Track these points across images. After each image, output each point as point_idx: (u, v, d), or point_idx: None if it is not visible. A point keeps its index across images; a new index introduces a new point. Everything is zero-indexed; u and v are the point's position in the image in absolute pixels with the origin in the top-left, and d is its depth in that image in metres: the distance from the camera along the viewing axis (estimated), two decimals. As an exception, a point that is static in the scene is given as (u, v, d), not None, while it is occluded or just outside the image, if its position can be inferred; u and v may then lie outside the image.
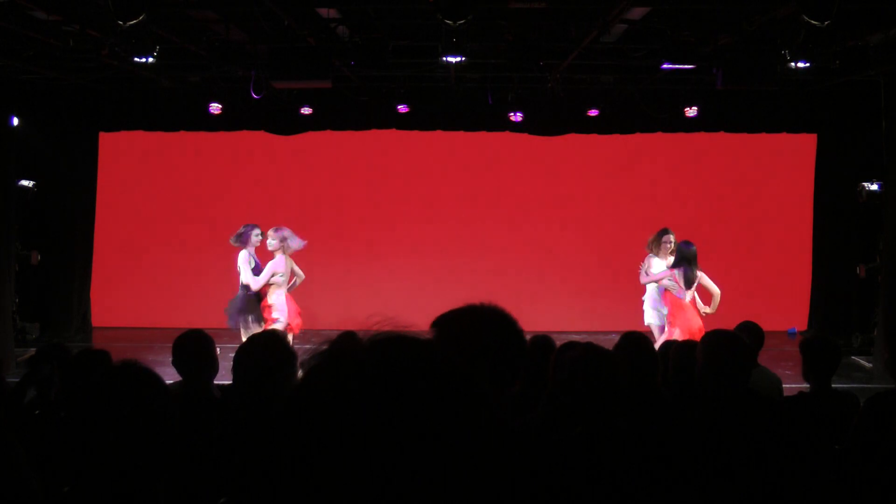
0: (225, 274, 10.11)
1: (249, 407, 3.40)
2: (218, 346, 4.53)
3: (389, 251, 13.84)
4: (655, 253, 9.72)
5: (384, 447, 0.84)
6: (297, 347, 3.66)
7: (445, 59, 8.58)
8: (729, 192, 13.88)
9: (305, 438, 0.87)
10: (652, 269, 9.61)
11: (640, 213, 13.36)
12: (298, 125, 12.71)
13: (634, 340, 4.52)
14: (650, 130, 12.83)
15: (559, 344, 4.02)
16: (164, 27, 8.50)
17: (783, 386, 5.64)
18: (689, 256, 9.29)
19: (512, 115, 12.25)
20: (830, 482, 3.79)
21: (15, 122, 11.80)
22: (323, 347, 0.94)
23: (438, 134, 13.20)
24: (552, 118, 12.60)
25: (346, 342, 0.93)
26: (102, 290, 13.62)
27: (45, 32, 8.65)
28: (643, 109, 12.11)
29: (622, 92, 11.99)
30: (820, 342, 4.93)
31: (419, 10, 8.21)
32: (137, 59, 8.36)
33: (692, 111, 12.01)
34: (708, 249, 11.25)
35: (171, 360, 4.37)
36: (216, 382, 4.57)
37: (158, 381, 2.15)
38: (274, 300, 9.01)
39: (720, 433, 3.49)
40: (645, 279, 9.67)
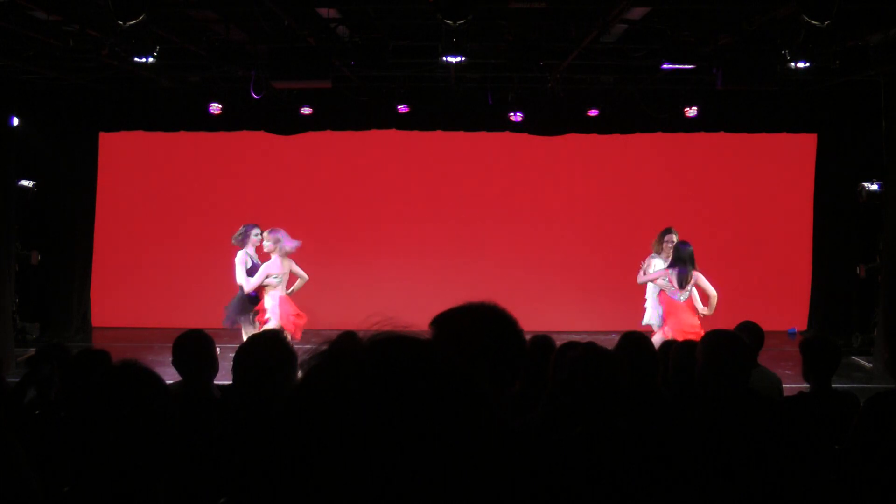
0: (225, 274, 10.09)
1: (249, 407, 3.39)
2: (218, 346, 4.54)
3: (389, 251, 13.83)
4: (658, 252, 9.71)
5: (384, 447, 0.84)
6: (297, 347, 3.66)
7: (445, 59, 8.57)
8: (729, 192, 13.87)
9: (305, 438, 0.87)
10: (652, 268, 9.61)
11: (640, 213, 13.36)
12: (298, 125, 12.70)
13: (634, 340, 4.53)
14: (650, 130, 12.82)
15: (559, 344, 4.03)
16: (164, 27, 8.50)
17: (783, 386, 5.64)
18: (684, 257, 9.25)
19: (512, 115, 12.24)
20: (830, 482, 3.79)
21: (15, 122, 11.80)
22: (323, 347, 0.94)
23: (438, 134, 13.19)
24: (552, 118, 12.59)
25: (346, 342, 0.93)
26: (102, 290, 13.61)
27: (45, 32, 8.65)
28: (643, 109, 12.10)
29: (622, 92, 11.98)
30: (820, 342, 4.93)
31: (419, 10, 8.21)
32: (137, 59, 8.36)
33: (692, 111, 12.00)
34: (708, 249, 11.26)
35: (171, 360, 4.38)
36: (216, 382, 4.58)
37: (158, 381, 2.15)
38: (267, 303, 8.92)
39: (720, 433, 3.49)
40: (640, 279, 9.68)
